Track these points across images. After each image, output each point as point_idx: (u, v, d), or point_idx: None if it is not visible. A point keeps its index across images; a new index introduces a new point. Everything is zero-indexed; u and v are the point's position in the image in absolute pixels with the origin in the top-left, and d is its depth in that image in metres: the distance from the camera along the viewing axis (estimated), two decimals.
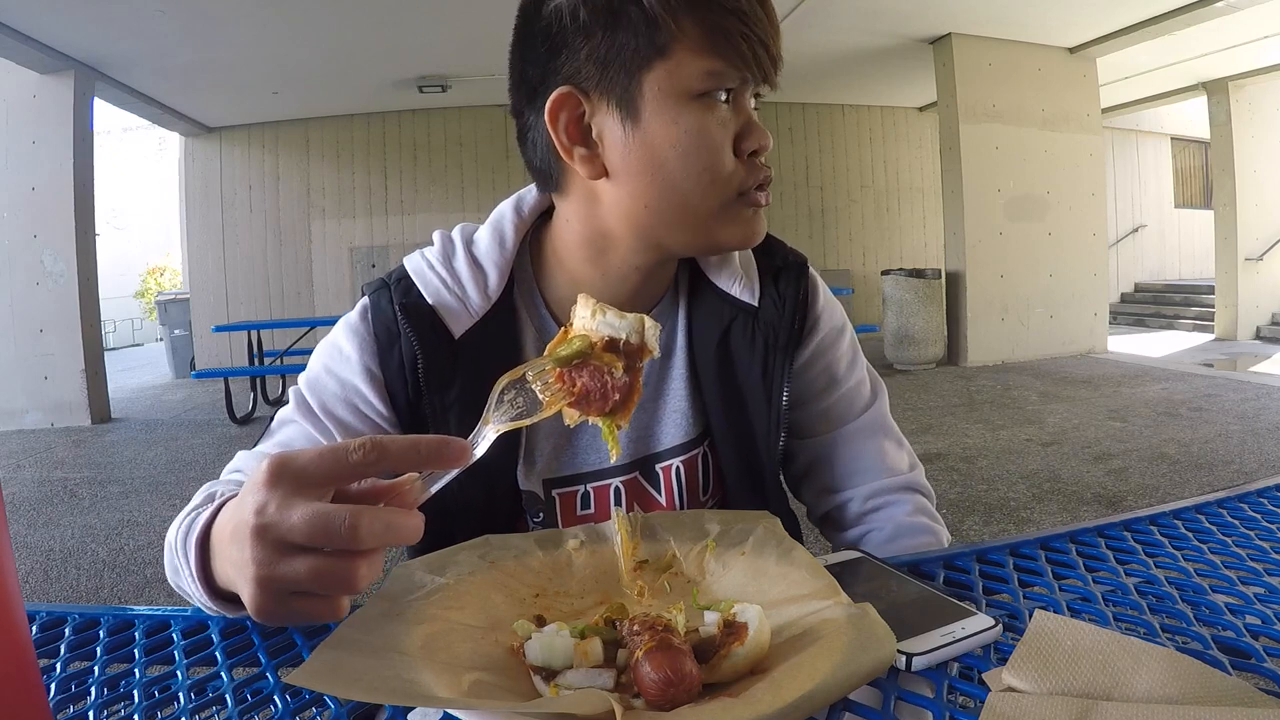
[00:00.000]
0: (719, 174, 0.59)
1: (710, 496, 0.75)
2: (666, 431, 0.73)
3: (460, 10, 5.30)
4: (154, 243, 14.74)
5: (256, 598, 0.40)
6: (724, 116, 0.59)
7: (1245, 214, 7.89)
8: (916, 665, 0.42)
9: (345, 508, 0.39)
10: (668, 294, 0.74)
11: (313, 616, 0.42)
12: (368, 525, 0.38)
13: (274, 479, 0.40)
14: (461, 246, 0.70)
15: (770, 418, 0.70)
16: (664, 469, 0.73)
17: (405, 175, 8.51)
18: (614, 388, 0.47)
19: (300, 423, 0.67)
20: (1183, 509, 0.66)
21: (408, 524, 0.40)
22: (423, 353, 0.65)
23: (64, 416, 5.79)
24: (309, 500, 0.39)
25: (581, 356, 0.47)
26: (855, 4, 5.72)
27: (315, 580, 0.39)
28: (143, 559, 2.96)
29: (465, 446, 0.42)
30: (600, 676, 0.39)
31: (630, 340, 0.47)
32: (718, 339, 0.71)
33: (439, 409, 0.66)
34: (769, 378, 0.70)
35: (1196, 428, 4.18)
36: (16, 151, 5.64)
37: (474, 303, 0.67)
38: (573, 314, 0.49)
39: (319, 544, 0.39)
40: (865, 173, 9.18)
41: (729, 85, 0.58)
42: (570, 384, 0.47)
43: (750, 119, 0.61)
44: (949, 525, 3.08)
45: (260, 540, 0.39)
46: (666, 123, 0.58)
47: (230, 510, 0.44)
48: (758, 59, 0.59)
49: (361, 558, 0.40)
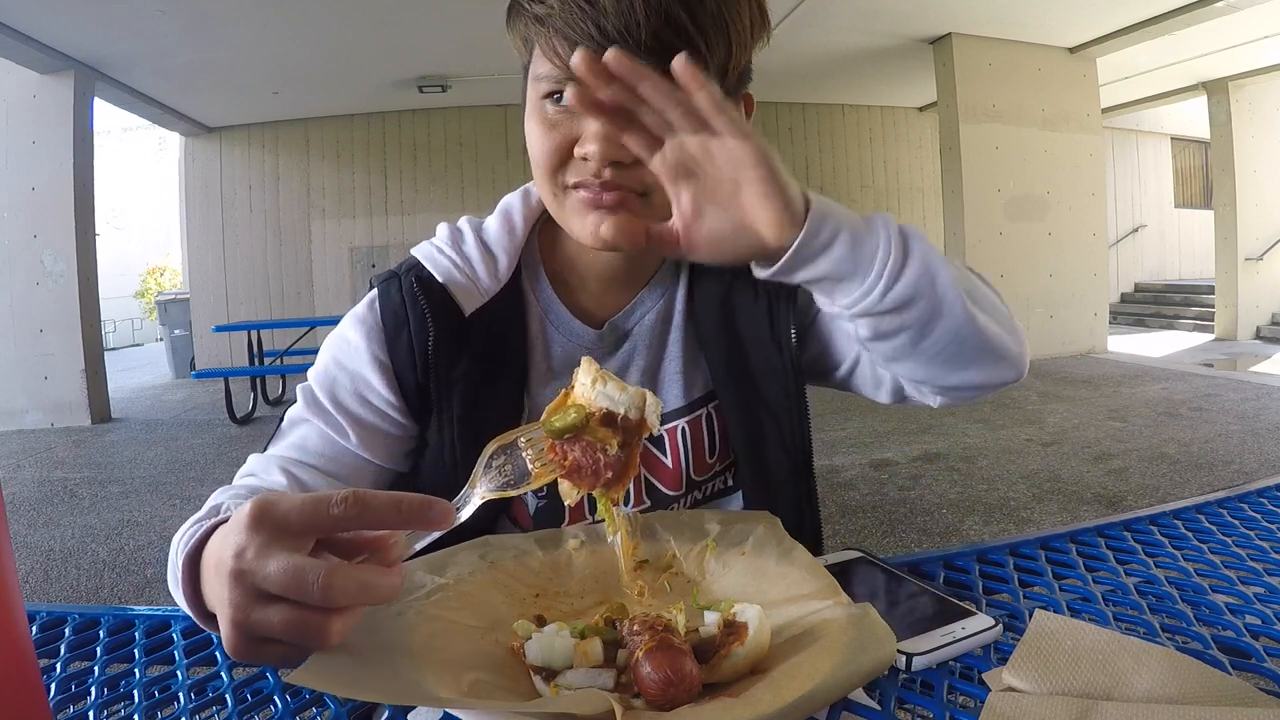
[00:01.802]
0: (547, 168, 0.62)
1: (717, 459, 0.75)
2: (669, 395, 0.73)
3: (460, 10, 5.29)
4: (154, 243, 14.73)
5: (231, 638, 0.40)
6: (554, 118, 0.61)
7: (1245, 214, 7.88)
8: (916, 665, 0.42)
9: (320, 564, 0.38)
10: (671, 261, 0.75)
11: (285, 662, 0.41)
12: (341, 584, 0.38)
13: (255, 524, 0.39)
14: (471, 233, 0.72)
15: (785, 368, 0.71)
16: (669, 430, 0.73)
17: (405, 175, 8.51)
18: (606, 465, 0.46)
19: (312, 421, 0.67)
20: (1183, 509, 0.66)
21: (384, 583, 0.39)
22: (435, 326, 0.66)
23: (64, 416, 5.79)
24: (287, 550, 0.39)
25: (575, 430, 0.46)
26: (855, 4, 5.71)
27: (286, 631, 0.39)
28: (143, 559, 2.96)
29: (449, 510, 0.41)
30: (600, 676, 0.39)
31: (629, 416, 0.46)
32: (720, 298, 0.72)
33: (444, 386, 0.67)
34: (776, 327, 0.71)
35: (1196, 428, 4.18)
36: (16, 151, 5.64)
37: (484, 284, 0.69)
38: (574, 376, 0.49)
39: (292, 596, 0.38)
40: (865, 173, 9.17)
41: (552, 89, 0.60)
42: (562, 457, 0.46)
43: (591, 125, 0.57)
44: (949, 525, 3.05)
45: (237, 584, 0.39)
46: (527, 119, 0.64)
47: (217, 541, 0.44)
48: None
49: (335, 614, 0.39)
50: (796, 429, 0.72)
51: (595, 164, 0.59)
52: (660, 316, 0.74)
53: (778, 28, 5.99)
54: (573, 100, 0.57)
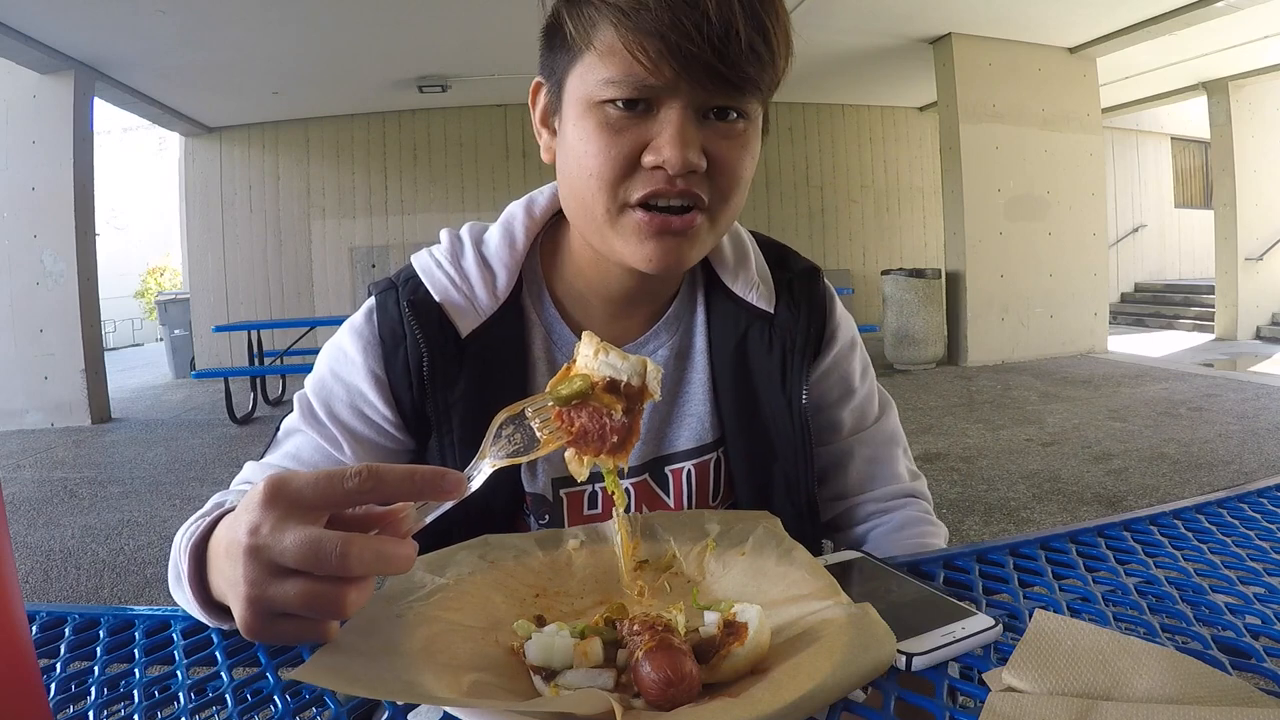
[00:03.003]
0: (603, 178, 0.58)
1: (720, 503, 0.75)
2: (681, 435, 0.72)
3: (460, 10, 5.29)
4: (154, 243, 14.74)
5: (245, 616, 0.41)
6: (620, 123, 0.57)
7: (1245, 214, 7.88)
8: (916, 665, 0.42)
9: (338, 535, 0.39)
10: (683, 294, 0.74)
11: (300, 638, 0.42)
12: (358, 553, 0.38)
13: (270, 500, 0.40)
14: (471, 246, 0.70)
15: (794, 422, 0.70)
16: (674, 471, 0.72)
17: (405, 175, 8.51)
18: (612, 429, 0.47)
19: (307, 431, 0.67)
20: (1183, 509, 0.66)
21: (399, 553, 0.40)
22: (428, 351, 0.65)
23: (64, 416, 5.79)
24: (303, 524, 0.39)
25: (581, 396, 0.47)
26: (855, 4, 5.72)
27: (304, 604, 0.39)
28: (143, 559, 2.96)
29: (461, 479, 0.42)
30: (600, 676, 0.39)
31: (631, 383, 0.47)
32: (735, 345, 0.71)
33: (442, 408, 0.66)
34: (788, 382, 0.70)
35: (1196, 428, 4.18)
36: (16, 151, 5.64)
37: (482, 302, 0.67)
38: (576, 350, 0.49)
39: (309, 569, 0.39)
40: (865, 173, 9.17)
41: (624, 96, 0.56)
42: (569, 423, 0.47)
43: (667, 131, 0.56)
44: (949, 525, 3.09)
45: (252, 560, 0.39)
46: (572, 125, 0.60)
47: (226, 525, 0.44)
48: (687, 70, 0.54)
49: (351, 584, 0.40)
50: (803, 477, 0.72)
51: (672, 171, 0.56)
52: (675, 353, 0.73)
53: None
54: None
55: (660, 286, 0.71)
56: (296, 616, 0.40)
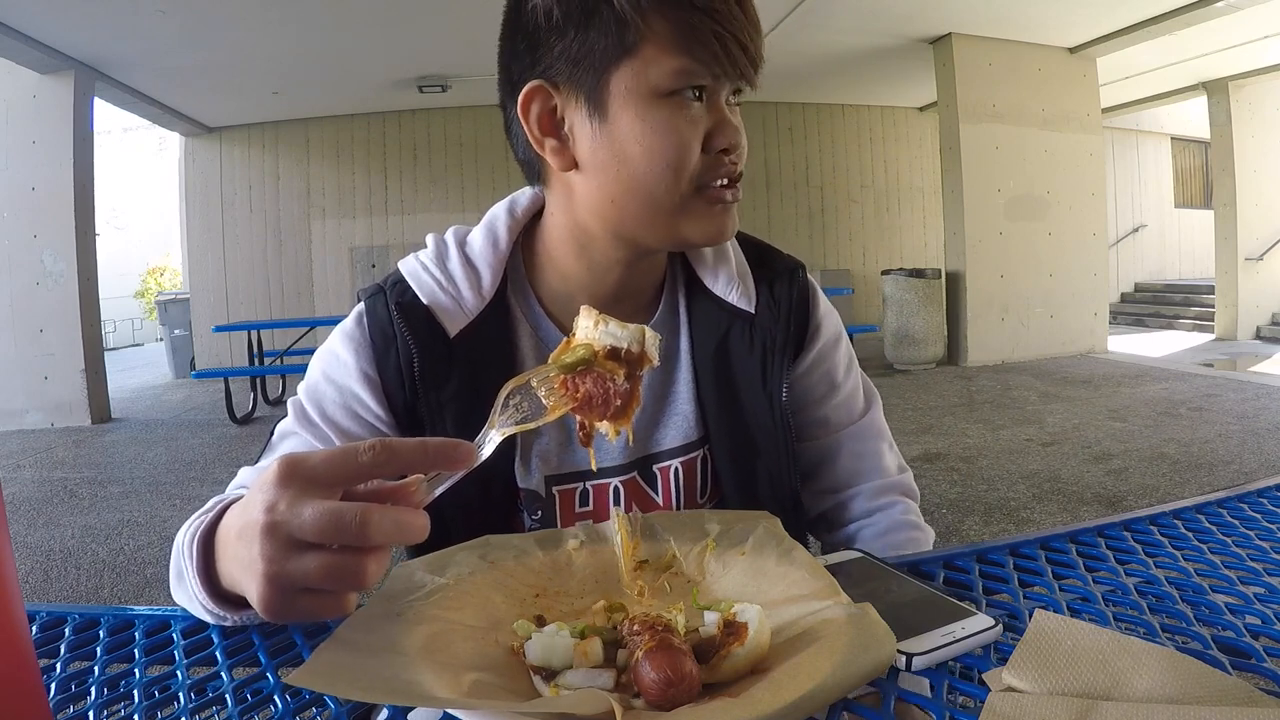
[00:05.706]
0: (683, 169, 0.60)
1: (708, 499, 0.76)
2: (668, 433, 0.73)
3: (460, 10, 5.29)
4: (154, 243, 14.74)
5: (265, 594, 0.41)
6: (694, 114, 0.60)
7: (1245, 214, 7.89)
8: (916, 665, 0.42)
9: (356, 505, 0.40)
10: (666, 297, 0.75)
11: (320, 613, 0.42)
12: (377, 522, 0.39)
13: (285, 478, 0.40)
14: (455, 248, 0.71)
15: (775, 420, 0.71)
16: (662, 470, 0.73)
17: (405, 175, 8.51)
18: (616, 394, 0.48)
19: (301, 434, 0.67)
20: (1183, 509, 0.66)
21: (415, 523, 0.41)
22: (418, 351, 0.66)
23: (64, 416, 5.79)
24: (319, 499, 0.40)
25: (584, 364, 0.48)
26: (855, 4, 5.72)
27: (325, 576, 0.40)
28: (143, 559, 2.96)
29: (472, 449, 0.43)
30: (600, 676, 0.39)
31: (631, 349, 0.48)
32: (716, 345, 0.72)
33: (435, 407, 0.66)
34: (769, 381, 0.71)
35: (1196, 428, 4.18)
36: (16, 151, 5.64)
37: (468, 302, 0.68)
38: (576, 324, 0.50)
39: (329, 541, 0.40)
40: (865, 173, 9.17)
41: (698, 83, 0.59)
42: (574, 390, 0.48)
43: (723, 117, 0.61)
44: (949, 525, 3.06)
45: (270, 537, 0.40)
46: (633, 119, 0.59)
47: (237, 510, 0.45)
48: (731, 57, 0.59)
49: (370, 554, 0.40)
50: (786, 472, 0.73)
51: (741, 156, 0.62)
52: (666, 353, 0.74)
53: (778, 28, 6.00)
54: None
55: (644, 280, 0.73)
56: (316, 592, 0.41)
